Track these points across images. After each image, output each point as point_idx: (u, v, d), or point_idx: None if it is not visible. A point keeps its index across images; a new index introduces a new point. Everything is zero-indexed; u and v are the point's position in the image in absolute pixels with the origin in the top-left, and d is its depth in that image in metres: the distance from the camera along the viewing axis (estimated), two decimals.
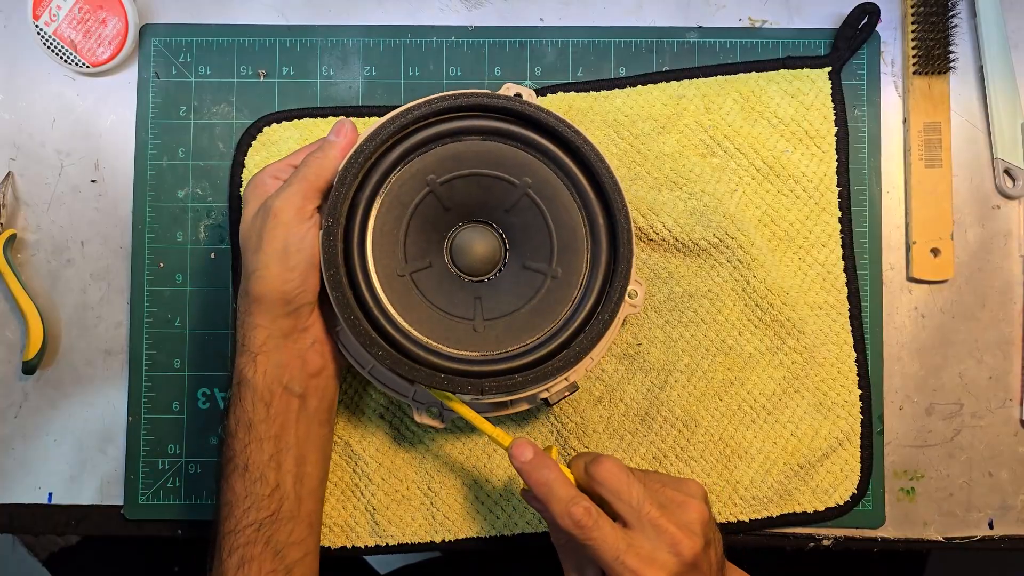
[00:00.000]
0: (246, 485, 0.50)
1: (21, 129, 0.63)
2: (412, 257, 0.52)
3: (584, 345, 0.51)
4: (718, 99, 0.62)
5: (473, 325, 0.52)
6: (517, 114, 0.51)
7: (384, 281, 0.51)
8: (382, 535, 0.61)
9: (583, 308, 0.51)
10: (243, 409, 0.50)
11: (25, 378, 0.63)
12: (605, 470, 0.49)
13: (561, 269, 0.52)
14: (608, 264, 0.51)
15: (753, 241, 0.60)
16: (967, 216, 0.63)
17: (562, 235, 0.52)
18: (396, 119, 0.50)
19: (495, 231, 0.54)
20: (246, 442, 0.50)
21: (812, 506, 0.61)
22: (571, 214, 0.52)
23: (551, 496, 0.48)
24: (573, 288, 0.52)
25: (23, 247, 0.63)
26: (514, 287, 0.53)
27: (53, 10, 0.61)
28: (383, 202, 0.51)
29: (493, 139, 0.52)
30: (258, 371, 0.50)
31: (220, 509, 0.51)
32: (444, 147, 0.51)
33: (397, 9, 0.64)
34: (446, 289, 0.53)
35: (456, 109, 0.51)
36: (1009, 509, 0.62)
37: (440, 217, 0.53)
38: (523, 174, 0.52)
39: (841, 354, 0.61)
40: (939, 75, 0.63)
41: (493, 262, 0.54)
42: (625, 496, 0.48)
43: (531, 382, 0.50)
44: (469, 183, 0.52)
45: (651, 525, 0.47)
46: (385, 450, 0.61)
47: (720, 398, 0.61)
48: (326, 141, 0.51)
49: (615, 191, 0.51)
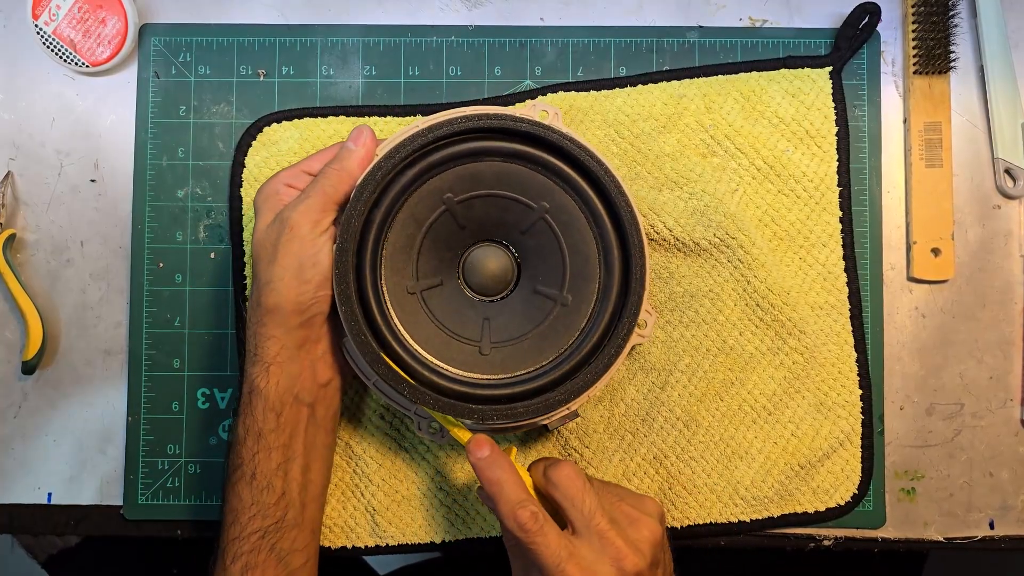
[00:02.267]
0: (253, 493, 0.50)
1: (21, 129, 0.63)
2: (424, 275, 0.52)
3: (587, 379, 0.50)
4: (719, 99, 0.62)
5: (479, 347, 0.52)
6: (540, 140, 0.51)
7: (394, 298, 0.51)
8: (382, 536, 0.60)
9: (589, 340, 0.51)
10: (253, 418, 0.50)
11: (25, 378, 0.63)
12: (562, 474, 0.49)
13: (571, 296, 0.52)
14: (618, 297, 0.51)
15: (754, 241, 0.60)
16: (967, 216, 0.63)
17: (575, 262, 0.52)
18: (417, 137, 0.50)
19: (509, 251, 0.54)
20: (255, 451, 0.50)
21: (813, 506, 0.61)
22: (586, 242, 0.52)
23: (500, 496, 0.48)
24: (582, 317, 0.52)
25: (23, 247, 0.63)
26: (523, 311, 0.53)
27: (53, 10, 0.61)
28: (398, 219, 0.51)
29: (514, 161, 0.51)
30: (270, 381, 0.50)
31: (225, 515, 0.51)
32: (463, 166, 0.51)
33: (397, 9, 0.64)
34: (455, 309, 0.53)
35: (479, 131, 0.51)
36: (1010, 509, 0.62)
37: (455, 235, 0.53)
38: (541, 198, 0.52)
39: (842, 354, 0.61)
40: (940, 75, 0.63)
41: (505, 282, 0.54)
42: (578, 503, 0.48)
43: (532, 413, 0.50)
44: (486, 203, 0.52)
45: (598, 536, 0.47)
46: (385, 451, 0.61)
47: (721, 398, 0.61)
48: (345, 149, 0.51)
49: (632, 225, 0.51)
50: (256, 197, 0.53)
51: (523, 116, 0.51)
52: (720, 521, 0.60)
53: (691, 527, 0.60)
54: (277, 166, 0.61)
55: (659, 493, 0.60)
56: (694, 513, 0.60)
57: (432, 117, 0.51)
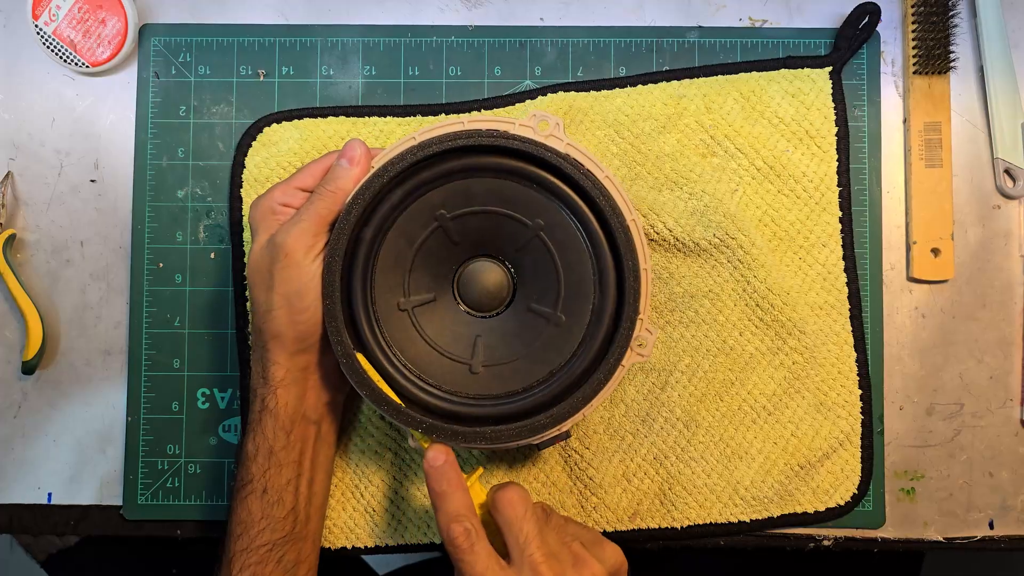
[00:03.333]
0: (263, 507, 0.51)
1: (21, 129, 0.63)
2: (416, 291, 0.52)
3: (576, 403, 0.49)
4: (719, 99, 0.62)
5: (470, 366, 0.51)
6: (534, 157, 0.50)
7: (384, 316, 0.51)
8: (381, 536, 0.61)
9: (581, 362, 0.50)
10: (264, 436, 0.51)
11: (24, 378, 0.63)
12: (505, 498, 0.48)
13: (565, 316, 0.51)
14: (612, 319, 0.50)
15: (754, 241, 0.60)
16: (967, 216, 0.63)
17: (570, 281, 0.51)
18: (408, 155, 0.49)
19: (504, 267, 0.53)
20: (266, 467, 0.51)
21: (813, 506, 0.61)
22: (581, 261, 0.51)
23: (440, 507, 0.48)
24: (575, 339, 0.51)
25: (22, 247, 0.63)
26: (516, 330, 0.52)
27: (53, 10, 0.61)
28: (389, 236, 0.51)
29: (507, 178, 0.50)
30: (279, 402, 0.51)
31: (233, 528, 0.52)
32: (456, 182, 0.50)
33: (397, 9, 0.64)
34: (448, 326, 0.52)
35: (473, 149, 0.50)
36: (1009, 509, 0.62)
37: (449, 251, 0.52)
38: (536, 215, 0.51)
39: (842, 354, 0.61)
40: (939, 75, 0.63)
41: (500, 298, 0.53)
42: (515, 529, 0.47)
43: (517, 435, 0.49)
44: (480, 219, 0.51)
45: (530, 567, 0.46)
46: (385, 451, 0.61)
47: (721, 398, 0.61)
48: (339, 168, 0.50)
49: (628, 247, 0.49)
50: (251, 214, 0.53)
51: (519, 129, 0.50)
52: (720, 521, 0.60)
53: (691, 527, 0.60)
54: (277, 167, 0.61)
55: (659, 493, 0.60)
56: (694, 513, 0.60)
57: (425, 131, 0.50)
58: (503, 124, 0.50)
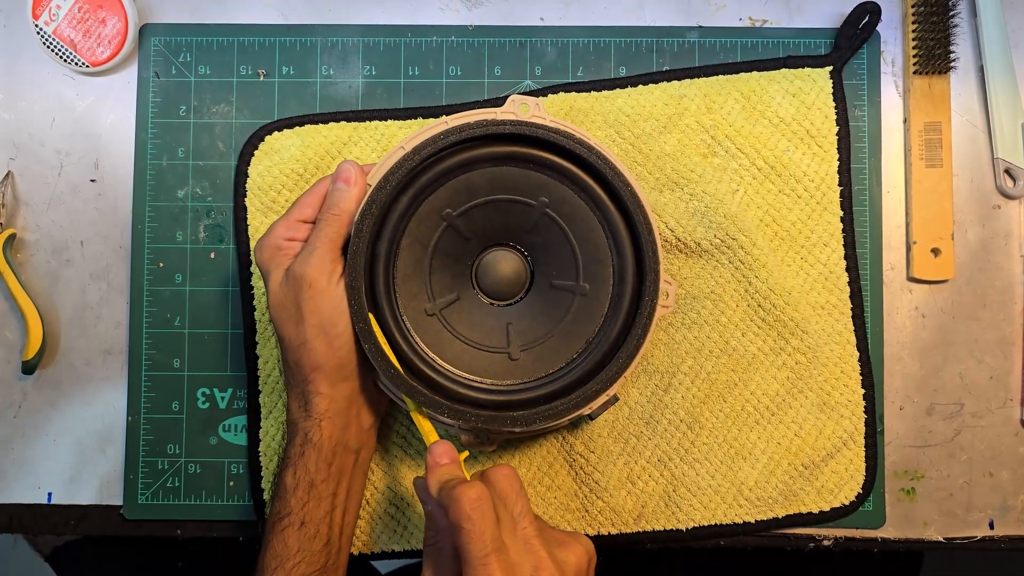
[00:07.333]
0: (300, 540, 0.51)
1: (21, 129, 0.63)
2: (439, 293, 0.52)
3: (622, 363, 0.50)
4: (719, 99, 0.62)
5: (508, 353, 0.52)
6: (525, 138, 0.51)
7: (415, 323, 0.51)
8: (387, 542, 0.60)
9: (615, 323, 0.51)
10: (306, 469, 0.51)
11: (24, 378, 0.63)
12: (499, 473, 0.47)
13: (588, 285, 0.52)
14: (635, 276, 0.51)
15: (755, 241, 0.60)
16: (968, 216, 0.63)
17: (586, 250, 0.52)
18: (404, 163, 0.50)
19: (518, 252, 0.54)
20: (305, 500, 0.51)
21: (817, 506, 0.61)
22: (592, 228, 0.52)
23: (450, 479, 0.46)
24: (603, 303, 0.52)
25: (23, 247, 0.63)
26: (544, 308, 0.53)
27: (53, 10, 0.61)
28: (403, 245, 0.51)
29: (504, 164, 0.51)
30: (324, 435, 0.51)
31: (267, 561, 0.51)
32: (456, 179, 0.51)
33: (397, 9, 0.64)
34: (477, 321, 0.53)
35: (464, 142, 0.50)
36: (1009, 509, 0.62)
37: (461, 248, 0.53)
38: (539, 194, 0.51)
39: (844, 354, 0.61)
40: (940, 75, 0.63)
41: (520, 283, 0.54)
42: (510, 503, 0.47)
43: (573, 407, 0.50)
44: (486, 210, 0.52)
45: (523, 541, 0.46)
46: (390, 457, 0.61)
47: (724, 399, 0.61)
48: (337, 191, 0.51)
49: (634, 203, 0.50)
50: (257, 256, 0.52)
51: (503, 115, 0.51)
52: (725, 522, 0.60)
53: (696, 529, 0.60)
54: (280, 174, 0.61)
55: (663, 495, 0.60)
56: (699, 515, 0.60)
57: (411, 138, 0.51)
58: (486, 114, 0.51)
